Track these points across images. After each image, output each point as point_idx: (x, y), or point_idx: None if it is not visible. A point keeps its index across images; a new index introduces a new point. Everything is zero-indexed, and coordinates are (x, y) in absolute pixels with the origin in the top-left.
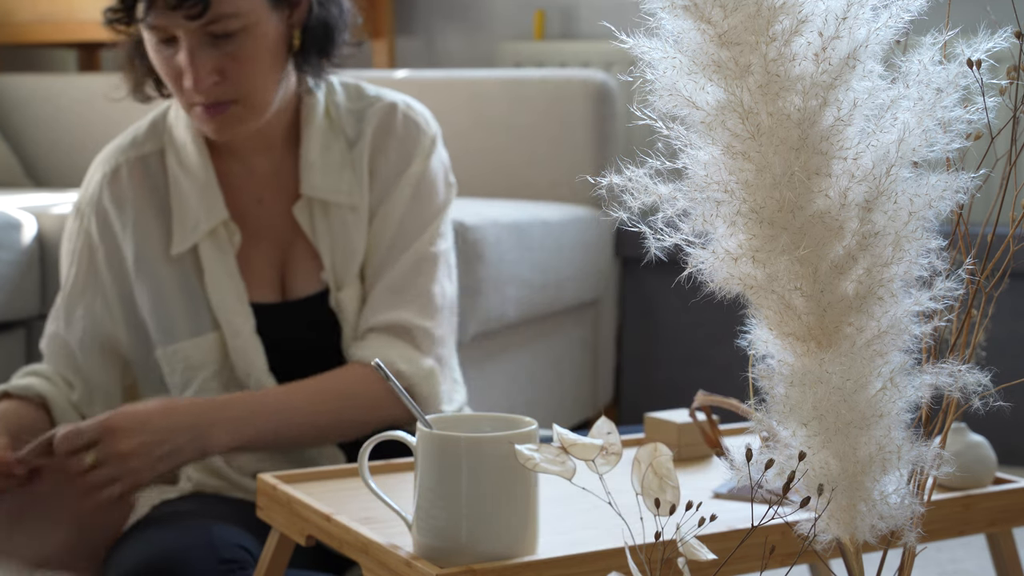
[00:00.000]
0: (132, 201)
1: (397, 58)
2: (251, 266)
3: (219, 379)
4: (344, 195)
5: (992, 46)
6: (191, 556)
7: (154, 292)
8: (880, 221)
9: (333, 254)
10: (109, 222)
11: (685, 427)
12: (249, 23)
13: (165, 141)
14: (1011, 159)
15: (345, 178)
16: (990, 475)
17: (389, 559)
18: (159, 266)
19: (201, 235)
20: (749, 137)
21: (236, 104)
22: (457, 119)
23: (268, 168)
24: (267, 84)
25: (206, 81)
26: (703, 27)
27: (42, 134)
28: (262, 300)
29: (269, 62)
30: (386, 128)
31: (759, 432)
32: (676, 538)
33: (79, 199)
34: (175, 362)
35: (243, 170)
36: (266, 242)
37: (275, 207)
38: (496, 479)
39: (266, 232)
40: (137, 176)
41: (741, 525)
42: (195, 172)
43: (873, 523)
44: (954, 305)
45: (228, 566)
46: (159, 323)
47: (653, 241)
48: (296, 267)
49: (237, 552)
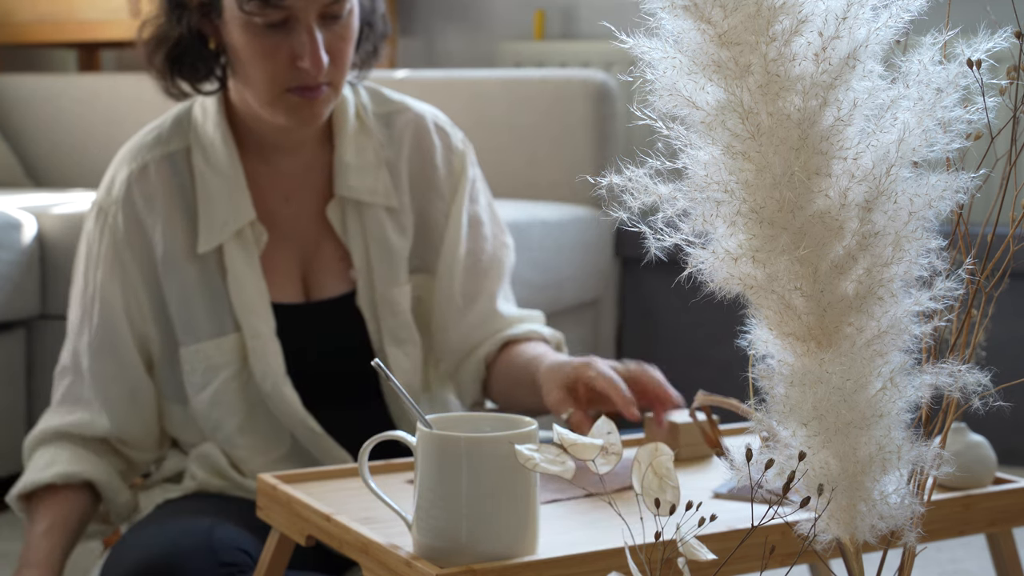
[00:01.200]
0: (161, 198)
1: (397, 58)
2: (276, 267)
3: (239, 380)
4: (380, 196)
5: (992, 46)
6: (190, 559)
7: (180, 290)
8: (880, 221)
9: (368, 253)
10: (139, 219)
11: (685, 427)
12: (352, 6)
13: (191, 139)
14: (1011, 159)
15: (381, 179)
16: (990, 475)
17: (389, 559)
18: (185, 264)
19: (228, 235)
20: (749, 137)
21: (329, 87)
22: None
23: (297, 168)
24: (348, 71)
25: (322, 61)
26: (703, 27)
27: (42, 134)
28: (285, 300)
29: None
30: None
31: (759, 432)
32: (676, 538)
33: (101, 200)
34: (196, 362)
35: (271, 170)
36: (292, 243)
37: (304, 208)
38: (496, 479)
39: (293, 233)
40: (165, 174)
41: (741, 525)
42: (224, 171)
43: (873, 523)
44: (954, 305)
45: (228, 569)
46: (183, 322)
47: (653, 241)
48: (323, 267)
49: (237, 555)
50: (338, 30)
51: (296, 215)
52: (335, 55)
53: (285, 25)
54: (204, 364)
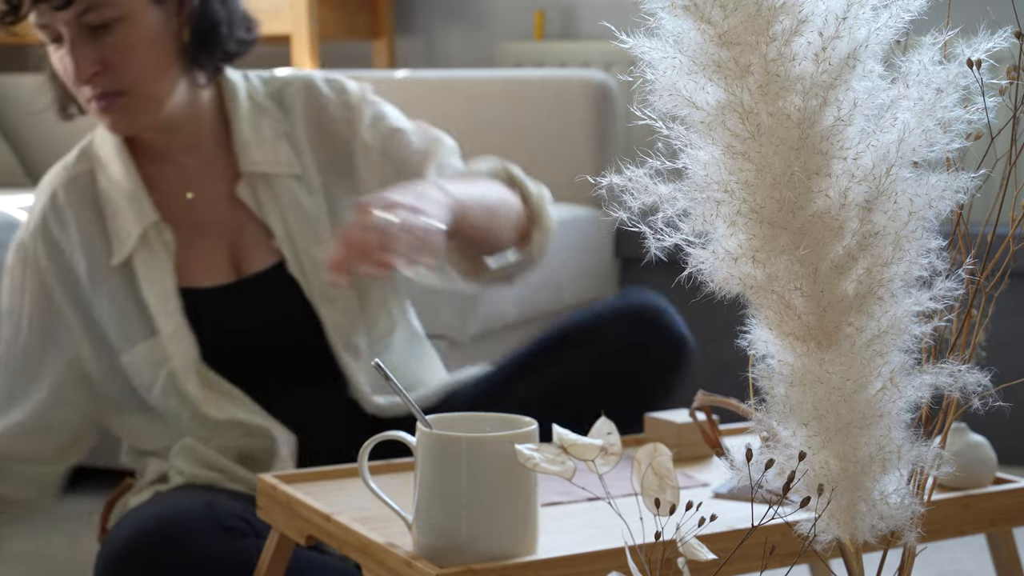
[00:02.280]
0: (73, 220)
1: (397, 58)
2: (201, 257)
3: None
4: (284, 166)
5: (992, 46)
6: (192, 520)
7: (110, 301)
8: (880, 221)
9: (286, 223)
10: (57, 244)
11: (685, 427)
12: (125, 13)
13: (94, 162)
14: (1011, 159)
15: (282, 150)
16: (990, 475)
17: (389, 559)
18: (109, 277)
19: (134, 241)
20: (749, 137)
21: (125, 96)
22: (457, 119)
23: (200, 162)
24: (155, 76)
25: (86, 72)
26: (703, 27)
27: (42, 134)
28: (215, 283)
29: (154, 54)
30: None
31: (759, 432)
32: (676, 538)
33: (20, 236)
34: (138, 363)
35: (175, 170)
36: (213, 231)
37: (216, 195)
38: (496, 479)
39: (211, 222)
40: (73, 195)
41: (741, 525)
42: (121, 183)
43: (873, 523)
44: (954, 305)
45: (230, 533)
46: (118, 330)
47: (653, 241)
48: (248, 245)
49: (238, 522)
50: (109, 39)
51: (210, 204)
52: (110, 64)
53: (62, 40)
54: (145, 363)
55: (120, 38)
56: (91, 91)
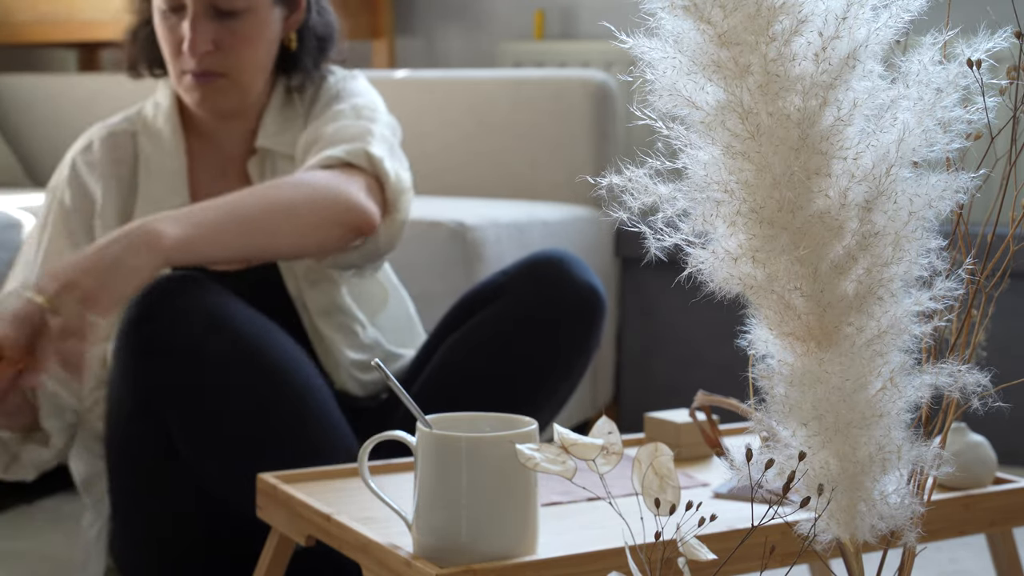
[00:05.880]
0: (100, 166)
1: (397, 58)
2: None
3: None
4: (290, 147)
5: (992, 46)
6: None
7: None
8: (880, 221)
9: None
10: (83, 183)
11: (685, 427)
12: (253, 6)
13: (138, 127)
14: (1011, 159)
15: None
16: (990, 475)
17: (389, 559)
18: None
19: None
20: (749, 137)
21: (224, 78)
22: (457, 119)
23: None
24: (257, 68)
25: (201, 48)
26: (703, 27)
27: (42, 134)
28: None
29: (263, 49)
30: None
31: (759, 432)
32: (676, 538)
33: (53, 183)
34: None
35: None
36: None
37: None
38: (496, 479)
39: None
40: (106, 147)
41: (741, 525)
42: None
43: (873, 523)
44: (954, 305)
45: None
46: None
47: (653, 241)
48: None
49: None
50: (233, 25)
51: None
52: (227, 48)
53: (182, 11)
54: None
55: (242, 27)
56: (195, 65)
